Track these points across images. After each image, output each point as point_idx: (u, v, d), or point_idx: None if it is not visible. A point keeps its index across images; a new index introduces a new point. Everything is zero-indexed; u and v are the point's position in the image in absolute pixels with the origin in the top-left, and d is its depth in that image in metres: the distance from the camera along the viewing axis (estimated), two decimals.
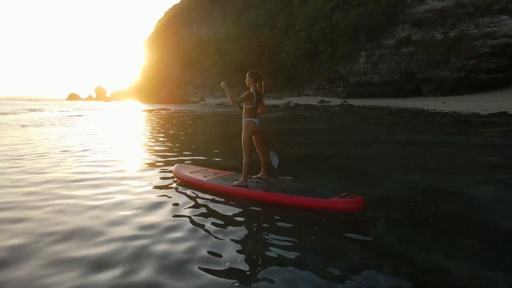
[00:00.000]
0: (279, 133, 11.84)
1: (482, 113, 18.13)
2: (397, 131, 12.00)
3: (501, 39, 29.79)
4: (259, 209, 3.71)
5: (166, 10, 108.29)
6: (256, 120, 4.25)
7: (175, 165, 5.25)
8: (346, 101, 38.00)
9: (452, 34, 33.60)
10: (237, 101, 4.15)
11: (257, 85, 4.27)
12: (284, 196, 3.75)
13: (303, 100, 44.82)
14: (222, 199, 3.98)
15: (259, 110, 4.35)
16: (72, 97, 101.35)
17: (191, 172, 4.79)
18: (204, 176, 4.56)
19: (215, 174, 4.74)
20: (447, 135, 10.44)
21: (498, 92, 28.88)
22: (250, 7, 70.59)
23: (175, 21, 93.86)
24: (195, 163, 5.85)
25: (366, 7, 40.14)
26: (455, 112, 19.74)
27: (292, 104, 40.28)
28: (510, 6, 29.10)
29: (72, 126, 14.31)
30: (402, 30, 38.33)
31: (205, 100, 61.74)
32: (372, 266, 2.48)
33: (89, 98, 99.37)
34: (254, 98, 4.19)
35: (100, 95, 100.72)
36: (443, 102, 27.28)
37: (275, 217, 3.46)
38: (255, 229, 3.29)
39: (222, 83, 4.39)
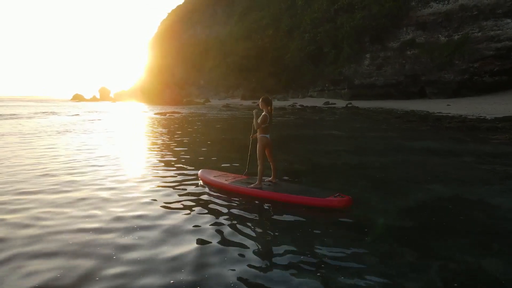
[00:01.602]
0: (303, 141, 12.48)
1: (488, 117, 18.76)
2: (409, 138, 12.60)
3: (505, 42, 30.41)
4: (272, 206, 4.72)
5: (169, 11, 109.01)
6: (268, 136, 5.26)
7: (200, 170, 6.25)
8: (350, 103, 38.50)
9: (456, 37, 34.21)
10: (259, 125, 5.17)
11: (269, 108, 5.24)
12: (290, 196, 4.73)
13: (307, 102, 45.41)
14: (241, 199, 5.03)
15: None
16: (77, 97, 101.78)
17: (214, 176, 5.77)
18: (226, 180, 5.53)
19: (234, 178, 5.70)
20: (458, 143, 11.07)
21: (502, 94, 29.48)
22: (254, 9, 71.01)
23: (178, 22, 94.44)
24: (217, 168, 6.72)
25: (370, 10, 40.74)
26: (461, 115, 20.36)
27: (298, 106, 40.80)
28: None
29: (102, 132, 14.97)
30: (406, 33, 38.93)
31: (210, 101, 62.11)
32: (422, 265, 3.11)
33: (94, 98, 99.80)
34: (268, 119, 5.19)
35: (104, 96, 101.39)
36: (448, 105, 27.82)
37: (284, 214, 4.39)
38: (269, 224, 4.19)
39: (255, 111, 5.44)
